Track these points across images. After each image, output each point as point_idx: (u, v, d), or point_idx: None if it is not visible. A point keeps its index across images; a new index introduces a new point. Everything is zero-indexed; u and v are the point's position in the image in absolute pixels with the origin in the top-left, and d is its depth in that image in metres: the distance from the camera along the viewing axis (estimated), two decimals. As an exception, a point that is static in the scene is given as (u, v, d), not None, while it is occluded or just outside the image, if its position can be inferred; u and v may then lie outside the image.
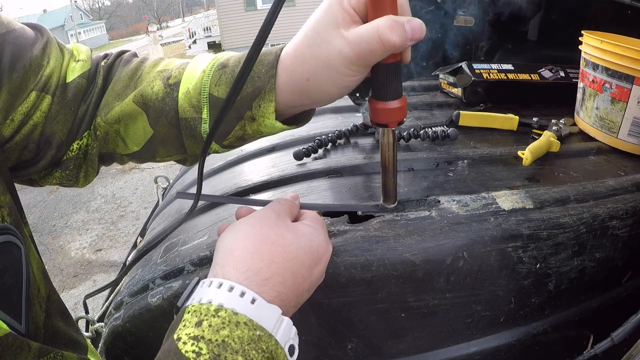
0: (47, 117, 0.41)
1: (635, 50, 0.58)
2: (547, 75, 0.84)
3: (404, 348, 0.50)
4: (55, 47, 0.43)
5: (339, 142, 0.70)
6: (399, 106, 0.39)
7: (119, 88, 0.45)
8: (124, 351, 0.50)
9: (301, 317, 0.37)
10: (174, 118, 0.44)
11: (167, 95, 0.44)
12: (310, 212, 0.44)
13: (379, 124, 0.40)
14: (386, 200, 0.48)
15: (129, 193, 4.19)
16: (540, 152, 0.60)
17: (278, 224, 0.38)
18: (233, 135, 0.43)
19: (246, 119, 0.42)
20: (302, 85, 0.38)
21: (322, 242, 0.40)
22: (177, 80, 0.44)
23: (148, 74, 0.46)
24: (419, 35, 0.34)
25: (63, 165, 0.45)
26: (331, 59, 0.35)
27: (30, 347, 0.34)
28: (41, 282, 0.42)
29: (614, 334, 0.44)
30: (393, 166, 0.44)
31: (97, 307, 0.73)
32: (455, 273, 0.45)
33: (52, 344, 0.39)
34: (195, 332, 0.30)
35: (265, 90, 0.40)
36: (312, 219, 0.42)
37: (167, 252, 0.53)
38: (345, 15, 0.35)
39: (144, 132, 0.45)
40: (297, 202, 0.45)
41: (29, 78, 0.40)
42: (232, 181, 0.66)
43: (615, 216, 0.49)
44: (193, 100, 0.43)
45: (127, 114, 0.44)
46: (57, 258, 3.27)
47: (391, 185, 0.46)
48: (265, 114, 0.41)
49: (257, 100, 0.40)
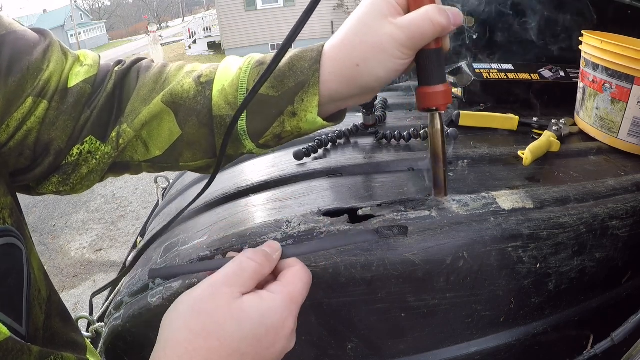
0: (42, 123, 0.40)
1: (635, 50, 0.58)
2: (547, 75, 0.84)
3: (404, 348, 0.50)
4: (57, 51, 0.41)
5: (339, 142, 0.70)
6: (445, 89, 0.41)
7: (144, 93, 0.43)
8: (124, 351, 0.50)
9: (301, 317, 0.37)
10: (206, 117, 0.42)
11: (199, 94, 0.42)
12: (292, 269, 0.38)
13: (429, 108, 0.42)
14: (438, 192, 0.47)
15: (129, 193, 4.19)
16: (540, 152, 0.60)
17: (221, 306, 0.34)
18: (270, 133, 0.42)
19: (286, 114, 0.41)
20: (352, 72, 0.39)
21: (276, 321, 0.34)
22: (209, 79, 0.43)
23: (175, 76, 0.44)
24: (459, 20, 0.37)
25: (61, 170, 0.43)
26: (383, 42, 0.37)
27: (31, 351, 0.34)
28: (42, 283, 0.41)
29: (614, 334, 0.44)
30: (443, 154, 0.44)
31: (97, 307, 0.73)
32: (455, 273, 0.45)
33: (51, 346, 0.39)
34: None
35: (309, 84, 0.40)
36: (283, 285, 0.37)
37: (167, 252, 0.53)
38: (390, 7, 0.38)
39: (169, 134, 0.43)
40: (276, 256, 0.39)
41: (26, 82, 0.38)
42: (232, 181, 0.66)
43: (615, 216, 0.49)
44: (229, 97, 0.42)
45: (154, 116, 0.43)
46: (57, 258, 3.27)
47: (442, 175, 0.45)
48: (308, 107, 0.40)
49: (300, 94, 0.40)
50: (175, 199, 0.77)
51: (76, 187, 0.45)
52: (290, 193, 0.57)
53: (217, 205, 0.61)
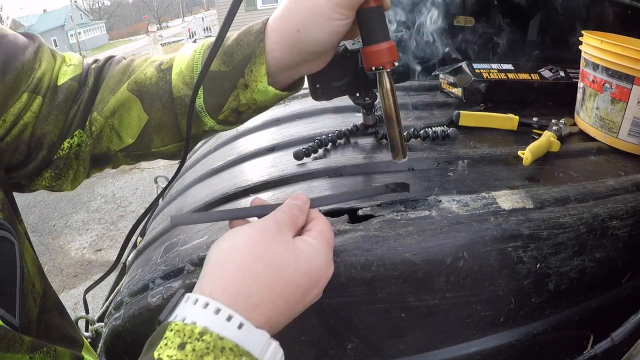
0: (37, 117, 0.43)
1: (635, 50, 0.58)
2: (547, 75, 0.84)
3: (404, 348, 0.50)
4: (47, 52, 0.45)
5: (339, 142, 0.70)
6: (389, 46, 0.41)
7: (112, 83, 0.47)
8: (124, 351, 0.50)
9: (301, 317, 0.37)
10: (168, 100, 0.45)
11: (160, 79, 0.45)
12: (318, 220, 0.40)
13: (375, 67, 0.42)
14: (395, 154, 0.46)
15: (129, 193, 4.19)
16: (540, 152, 0.60)
17: (277, 240, 0.35)
18: (227, 108, 0.45)
19: (239, 87, 0.43)
20: (293, 38, 0.41)
21: (323, 263, 0.36)
22: (169, 65, 0.46)
23: (140, 66, 0.47)
24: None
25: (53, 165, 0.46)
26: (319, 6, 0.38)
27: (22, 341, 0.35)
28: (36, 277, 0.42)
29: (614, 334, 0.44)
30: (396, 114, 0.43)
31: (97, 307, 0.73)
32: (455, 273, 0.45)
33: (46, 339, 0.40)
34: (177, 356, 0.28)
35: (255, 54, 0.42)
36: (318, 234, 0.38)
37: (167, 252, 0.53)
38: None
39: (138, 120, 0.46)
40: (306, 207, 0.41)
41: (21, 80, 0.41)
42: (232, 181, 0.65)
43: (615, 216, 0.49)
44: (186, 77, 0.45)
45: (121, 103, 0.46)
46: (57, 258, 3.27)
47: (398, 136, 0.45)
48: (257, 77, 0.42)
49: (249, 66, 0.42)
50: (175, 199, 0.77)
51: (67, 182, 0.48)
52: (291, 193, 0.57)
53: (217, 205, 0.61)
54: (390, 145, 0.46)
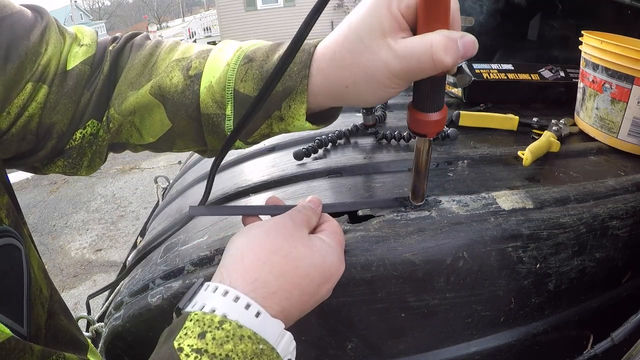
0: (44, 107, 0.39)
1: (635, 50, 0.58)
2: (547, 75, 0.84)
3: (404, 348, 0.50)
4: (54, 32, 0.40)
5: (339, 142, 0.70)
6: (439, 118, 0.37)
7: (132, 76, 0.42)
8: (124, 351, 0.50)
9: (301, 317, 0.37)
10: (194, 112, 0.41)
11: (187, 88, 0.41)
12: (330, 222, 0.42)
13: (418, 133, 0.39)
14: (415, 198, 0.49)
15: (129, 193, 4.19)
16: (540, 152, 0.60)
17: (294, 235, 0.36)
18: (259, 134, 0.42)
19: (274, 118, 0.40)
20: (340, 92, 0.37)
21: (335, 260, 0.37)
22: (198, 72, 0.41)
23: (164, 60, 0.43)
24: (471, 52, 0.32)
25: (66, 154, 0.43)
26: (375, 70, 0.33)
27: (32, 351, 0.34)
28: (42, 282, 0.41)
29: (614, 334, 0.44)
30: (425, 170, 0.44)
31: (97, 307, 0.73)
32: (455, 273, 0.45)
33: (54, 345, 0.39)
34: (198, 345, 0.28)
35: (297, 91, 0.37)
36: (330, 234, 0.39)
37: (167, 252, 0.53)
38: (392, 22, 0.32)
39: (161, 125, 0.43)
40: (319, 210, 0.42)
41: (24, 68, 0.37)
42: (232, 181, 0.65)
43: (615, 216, 0.49)
44: (217, 95, 0.40)
45: (143, 106, 0.42)
46: (57, 258, 3.27)
47: (422, 187, 0.47)
48: (295, 115, 0.39)
49: (287, 101, 0.38)
50: (175, 199, 0.77)
51: (82, 169, 0.46)
52: (291, 193, 0.57)
53: (217, 205, 0.61)
54: (412, 191, 0.48)
